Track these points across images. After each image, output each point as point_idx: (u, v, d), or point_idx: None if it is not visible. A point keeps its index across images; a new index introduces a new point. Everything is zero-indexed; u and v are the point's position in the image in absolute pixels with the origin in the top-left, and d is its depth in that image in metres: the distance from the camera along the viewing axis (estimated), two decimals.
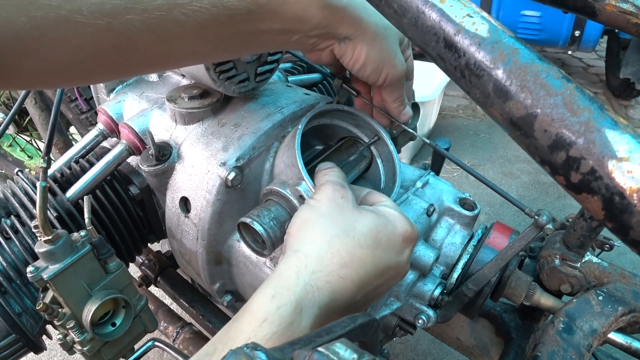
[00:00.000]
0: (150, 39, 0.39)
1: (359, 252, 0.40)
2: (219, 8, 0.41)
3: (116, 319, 0.61)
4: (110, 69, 0.42)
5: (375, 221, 0.43)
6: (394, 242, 0.44)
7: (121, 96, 0.74)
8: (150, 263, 0.96)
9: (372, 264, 0.41)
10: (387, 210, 0.46)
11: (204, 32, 0.42)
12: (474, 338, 0.86)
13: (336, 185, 0.47)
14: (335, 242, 0.40)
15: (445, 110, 2.97)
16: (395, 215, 0.45)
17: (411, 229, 0.46)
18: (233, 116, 0.65)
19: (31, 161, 1.88)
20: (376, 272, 0.41)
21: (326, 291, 0.37)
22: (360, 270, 0.40)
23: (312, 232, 0.42)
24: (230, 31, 0.44)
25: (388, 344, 1.41)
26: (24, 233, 0.63)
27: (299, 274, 0.38)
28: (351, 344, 0.25)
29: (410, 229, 0.46)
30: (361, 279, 0.40)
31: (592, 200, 0.25)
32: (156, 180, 0.65)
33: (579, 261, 0.70)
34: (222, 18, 0.42)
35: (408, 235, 0.45)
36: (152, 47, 0.41)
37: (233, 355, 0.24)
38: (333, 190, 0.46)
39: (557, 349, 0.56)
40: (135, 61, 0.42)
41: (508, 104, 0.27)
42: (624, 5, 0.51)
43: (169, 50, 0.42)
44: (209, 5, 0.40)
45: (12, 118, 0.72)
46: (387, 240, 0.43)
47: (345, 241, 0.40)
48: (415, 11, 0.31)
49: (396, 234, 0.44)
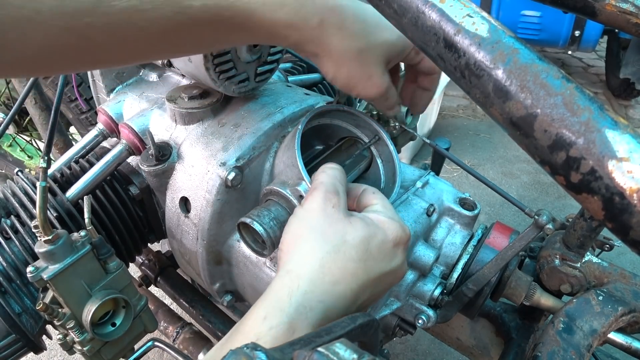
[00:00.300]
0: (111, 41, 0.40)
1: (350, 266, 0.40)
2: (182, 16, 0.40)
3: (116, 319, 0.61)
4: (74, 63, 0.43)
5: (365, 232, 0.43)
6: (386, 249, 0.43)
7: (121, 96, 0.74)
8: (150, 263, 0.96)
9: (364, 276, 0.41)
10: (376, 217, 0.45)
11: (168, 37, 0.42)
12: (474, 338, 0.86)
13: (328, 191, 0.45)
14: (326, 260, 0.40)
15: (445, 110, 2.97)
16: (384, 222, 0.45)
17: (402, 232, 0.45)
18: (233, 116, 0.65)
19: (31, 161, 1.88)
20: (370, 282, 0.42)
21: (319, 310, 0.37)
22: (353, 284, 0.40)
23: (303, 249, 0.41)
24: (195, 37, 0.44)
25: (388, 344, 1.41)
26: (24, 233, 0.63)
27: (291, 295, 0.38)
28: (351, 344, 0.25)
29: (401, 233, 0.45)
30: (354, 292, 0.40)
31: (592, 200, 0.25)
32: (156, 180, 0.65)
33: (579, 261, 0.70)
34: (185, 26, 0.41)
35: (399, 239, 0.45)
36: (114, 48, 0.41)
37: (233, 355, 0.24)
38: (324, 198, 0.45)
39: (557, 349, 0.56)
40: (99, 58, 0.43)
41: (508, 104, 0.27)
42: (624, 5, 0.51)
43: (132, 51, 0.43)
44: (172, 13, 0.40)
45: (12, 118, 0.72)
46: (378, 250, 0.42)
47: (336, 257, 0.40)
48: (415, 11, 0.31)
49: (387, 241, 0.44)
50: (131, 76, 0.78)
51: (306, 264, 0.40)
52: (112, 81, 0.77)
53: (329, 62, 0.49)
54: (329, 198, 0.45)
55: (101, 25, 0.38)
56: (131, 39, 0.40)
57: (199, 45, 0.48)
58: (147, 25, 0.40)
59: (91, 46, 0.40)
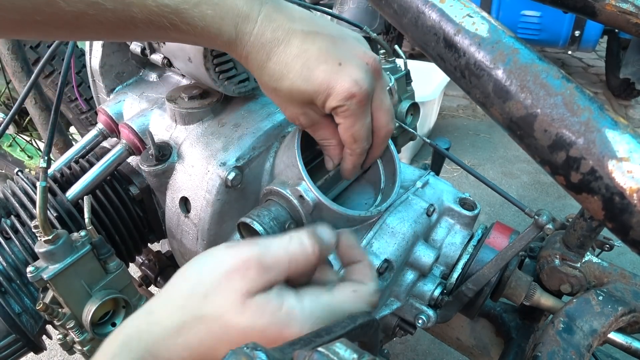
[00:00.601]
0: (65, 34, 0.43)
1: (171, 303, 0.36)
2: (128, 18, 0.42)
3: (116, 319, 0.61)
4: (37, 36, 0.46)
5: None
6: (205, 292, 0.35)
7: (121, 96, 0.74)
8: (150, 263, 0.96)
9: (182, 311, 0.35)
10: None
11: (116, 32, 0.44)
12: (474, 338, 0.86)
13: None
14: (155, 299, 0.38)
15: (445, 110, 2.97)
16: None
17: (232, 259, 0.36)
18: (233, 116, 0.65)
19: (31, 161, 1.88)
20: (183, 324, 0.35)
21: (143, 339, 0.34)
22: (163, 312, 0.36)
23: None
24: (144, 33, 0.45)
25: (388, 344, 1.41)
26: (24, 233, 0.63)
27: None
28: (351, 344, 0.25)
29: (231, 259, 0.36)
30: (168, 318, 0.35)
31: (592, 200, 0.25)
32: (156, 180, 0.65)
33: (579, 261, 0.70)
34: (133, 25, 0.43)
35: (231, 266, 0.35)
36: (67, 37, 0.46)
37: (233, 355, 0.24)
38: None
39: (557, 349, 0.56)
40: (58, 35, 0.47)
41: (508, 104, 0.27)
42: (624, 5, 0.51)
43: (85, 38, 0.48)
44: (114, 17, 0.41)
45: (12, 118, 0.72)
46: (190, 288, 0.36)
47: (162, 295, 0.37)
48: (415, 11, 0.31)
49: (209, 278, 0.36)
50: (131, 76, 0.78)
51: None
52: (112, 81, 0.77)
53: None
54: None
55: (49, 20, 0.40)
56: (85, 34, 0.44)
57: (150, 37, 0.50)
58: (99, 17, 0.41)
59: (49, 35, 0.44)
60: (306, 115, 0.51)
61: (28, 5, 0.38)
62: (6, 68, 1.11)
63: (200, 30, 0.44)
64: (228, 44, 0.46)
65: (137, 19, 0.42)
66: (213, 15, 0.43)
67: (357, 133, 0.50)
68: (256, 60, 0.47)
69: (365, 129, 0.51)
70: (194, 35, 0.45)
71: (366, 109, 0.49)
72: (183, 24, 0.43)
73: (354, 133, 0.50)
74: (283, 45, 0.46)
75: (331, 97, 0.47)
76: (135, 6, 0.41)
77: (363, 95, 0.47)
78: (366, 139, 0.52)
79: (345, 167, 0.56)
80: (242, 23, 0.45)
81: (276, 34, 0.45)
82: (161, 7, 0.42)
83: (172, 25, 0.43)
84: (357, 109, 0.48)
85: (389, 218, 0.60)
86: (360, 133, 0.51)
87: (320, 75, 0.46)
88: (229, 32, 0.45)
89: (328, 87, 0.46)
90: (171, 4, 0.42)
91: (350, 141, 0.52)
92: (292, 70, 0.46)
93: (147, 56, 0.69)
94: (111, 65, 0.75)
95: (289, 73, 0.46)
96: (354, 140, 0.51)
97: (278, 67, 0.46)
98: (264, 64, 0.47)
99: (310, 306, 0.35)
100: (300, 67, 0.46)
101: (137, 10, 0.41)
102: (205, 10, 0.43)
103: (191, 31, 0.44)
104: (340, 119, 0.49)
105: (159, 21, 0.42)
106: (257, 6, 0.45)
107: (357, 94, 0.46)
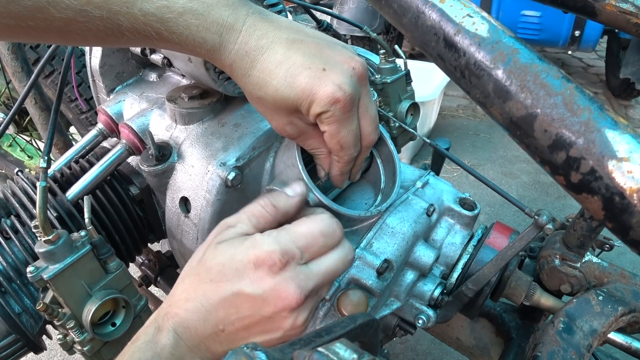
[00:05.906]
0: (56, 39, 0.45)
1: (201, 287, 0.44)
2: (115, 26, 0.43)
3: (116, 319, 0.61)
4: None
5: (225, 255, 0.44)
6: (241, 270, 0.43)
7: (121, 96, 0.74)
8: (150, 263, 0.96)
9: (215, 296, 0.43)
10: (256, 238, 0.44)
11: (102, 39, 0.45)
12: (474, 338, 0.86)
13: (224, 222, 0.48)
14: (187, 284, 0.45)
15: (445, 110, 2.97)
16: (255, 243, 0.44)
17: (265, 254, 0.42)
18: (233, 116, 0.65)
19: (31, 161, 1.88)
20: (222, 303, 0.43)
21: (176, 319, 0.43)
22: (204, 302, 0.43)
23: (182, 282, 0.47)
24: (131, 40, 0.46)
25: (388, 344, 1.41)
26: (24, 233, 0.63)
27: (155, 315, 0.46)
28: (351, 344, 0.25)
29: (264, 255, 0.42)
30: (206, 309, 0.43)
31: (592, 200, 0.25)
32: (156, 180, 0.65)
33: (579, 261, 0.70)
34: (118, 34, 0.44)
35: (260, 260, 0.42)
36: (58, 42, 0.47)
37: (233, 355, 0.24)
38: (214, 233, 0.48)
39: (557, 349, 0.56)
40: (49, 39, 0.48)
41: (508, 104, 0.27)
42: (624, 5, 0.51)
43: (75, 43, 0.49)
44: (102, 25, 0.42)
45: (12, 118, 0.72)
46: (234, 271, 0.43)
47: (194, 280, 0.45)
48: (415, 11, 0.31)
49: (244, 262, 0.43)
50: (131, 76, 0.78)
51: (174, 292, 0.46)
52: (112, 81, 0.77)
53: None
54: (218, 230, 0.48)
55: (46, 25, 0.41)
56: (74, 39, 0.45)
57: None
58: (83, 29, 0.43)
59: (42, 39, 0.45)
60: (293, 125, 0.50)
61: (22, 12, 0.40)
62: (6, 68, 1.11)
63: (185, 39, 0.44)
64: (212, 52, 0.46)
65: (123, 27, 0.43)
66: (197, 24, 0.44)
67: (344, 140, 0.49)
68: (240, 68, 0.47)
69: (352, 135, 0.49)
70: (178, 44, 0.45)
71: (351, 114, 0.48)
72: (168, 32, 0.44)
73: (340, 140, 0.49)
74: (267, 52, 0.45)
75: (315, 103, 0.46)
76: (122, 15, 0.42)
77: (347, 100, 0.46)
78: (354, 145, 0.51)
79: (333, 174, 0.55)
80: (227, 32, 0.45)
81: (260, 42, 0.45)
82: (147, 16, 0.42)
83: (157, 34, 0.44)
84: (342, 115, 0.47)
85: (389, 218, 0.61)
86: (346, 140, 0.49)
87: (304, 81, 0.45)
88: (213, 40, 0.45)
89: (311, 93, 0.45)
90: (157, 13, 0.42)
91: (337, 148, 0.50)
92: (276, 77, 0.46)
93: (147, 56, 0.69)
94: (111, 65, 0.75)
95: (273, 80, 0.46)
96: (341, 148, 0.50)
97: (262, 74, 0.46)
98: (248, 72, 0.46)
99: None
100: (284, 74, 0.45)
101: (123, 19, 0.42)
102: (189, 19, 0.43)
103: (176, 40, 0.44)
104: (325, 126, 0.48)
105: (145, 30, 0.43)
106: (242, 16, 0.45)
107: (341, 99, 0.45)
